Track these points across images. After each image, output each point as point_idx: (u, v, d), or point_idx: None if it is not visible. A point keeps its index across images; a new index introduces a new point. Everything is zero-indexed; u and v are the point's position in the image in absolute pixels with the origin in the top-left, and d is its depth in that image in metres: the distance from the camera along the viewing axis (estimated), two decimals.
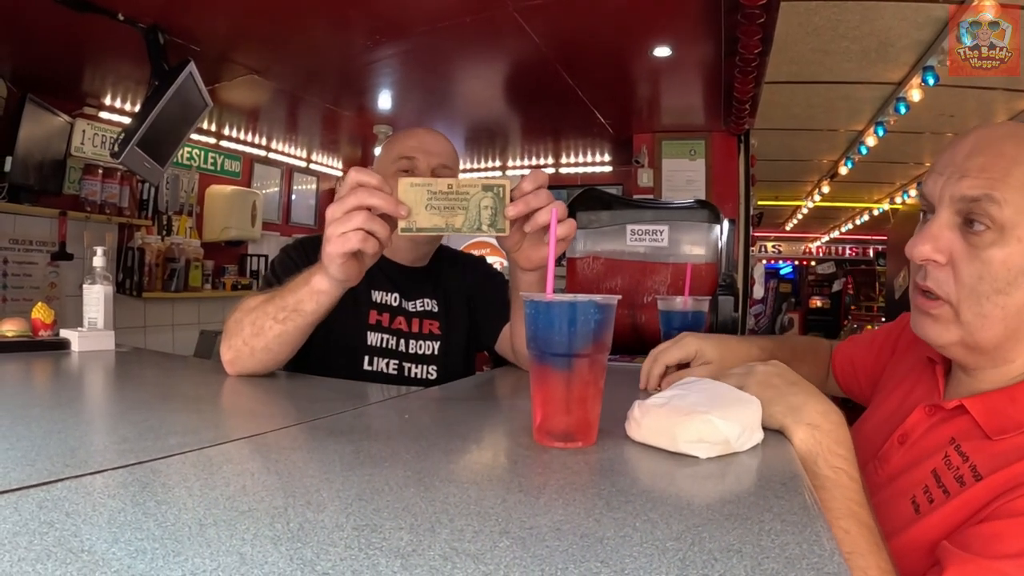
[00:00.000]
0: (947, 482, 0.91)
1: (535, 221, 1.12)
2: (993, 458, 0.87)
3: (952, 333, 0.97)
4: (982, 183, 0.91)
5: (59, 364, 1.59)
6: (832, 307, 12.44)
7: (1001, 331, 0.93)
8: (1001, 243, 0.90)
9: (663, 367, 1.28)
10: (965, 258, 0.94)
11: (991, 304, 0.92)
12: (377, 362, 1.71)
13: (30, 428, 0.88)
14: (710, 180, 5.48)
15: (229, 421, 1.12)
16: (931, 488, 0.93)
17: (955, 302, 0.95)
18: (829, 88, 4.89)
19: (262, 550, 0.50)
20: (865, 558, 0.78)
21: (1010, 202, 0.89)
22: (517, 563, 0.50)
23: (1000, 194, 0.89)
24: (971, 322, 0.94)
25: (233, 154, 5.77)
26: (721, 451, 0.81)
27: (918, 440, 1.03)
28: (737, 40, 3.33)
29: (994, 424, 0.91)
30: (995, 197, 0.90)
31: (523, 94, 4.64)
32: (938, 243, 0.96)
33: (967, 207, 0.93)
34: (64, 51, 3.62)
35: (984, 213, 0.91)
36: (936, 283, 0.97)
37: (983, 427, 0.93)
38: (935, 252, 0.96)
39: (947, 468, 0.93)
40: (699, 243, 2.03)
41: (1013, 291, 0.91)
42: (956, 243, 0.95)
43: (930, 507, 0.91)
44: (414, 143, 1.77)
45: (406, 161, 1.73)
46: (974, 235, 0.92)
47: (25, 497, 0.61)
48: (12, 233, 4.11)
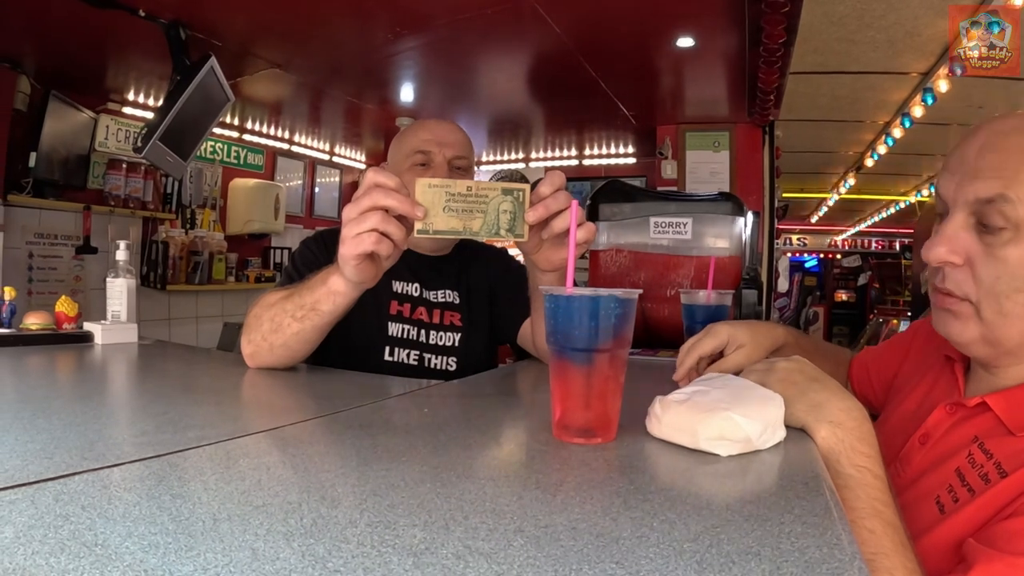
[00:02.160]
0: (972, 480, 0.90)
1: (554, 227, 1.11)
2: (1018, 454, 0.86)
3: (973, 330, 0.96)
4: (995, 183, 0.90)
5: (82, 357, 1.60)
6: (857, 300, 12.34)
7: (1021, 329, 0.93)
8: (1017, 241, 0.90)
9: (696, 358, 1.28)
10: (982, 258, 0.93)
11: (1011, 303, 0.91)
12: (398, 352, 1.71)
13: (50, 421, 0.88)
14: (734, 172, 5.43)
15: (249, 414, 1.12)
16: (955, 487, 0.92)
17: (975, 301, 0.95)
18: (855, 78, 4.82)
19: (274, 546, 0.50)
20: (891, 558, 0.77)
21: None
22: (531, 563, 0.49)
23: (1014, 192, 0.89)
24: (992, 320, 0.93)
25: (256, 147, 5.80)
26: (742, 449, 0.80)
27: (940, 439, 1.02)
28: (761, 30, 3.29)
29: (1018, 420, 0.90)
30: (1009, 196, 0.89)
31: (545, 86, 4.62)
32: (954, 244, 0.95)
33: (981, 208, 0.92)
34: (87, 47, 3.64)
35: (999, 213, 0.90)
36: (955, 284, 0.97)
37: (1006, 423, 0.92)
38: (951, 254, 0.95)
39: (971, 467, 0.92)
40: (723, 236, 2.01)
41: None
42: (972, 244, 0.94)
43: (955, 506, 0.90)
44: (427, 135, 1.75)
45: (421, 155, 1.72)
46: (990, 235, 0.92)
47: (42, 490, 0.61)
48: (37, 227, 4.15)
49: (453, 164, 1.74)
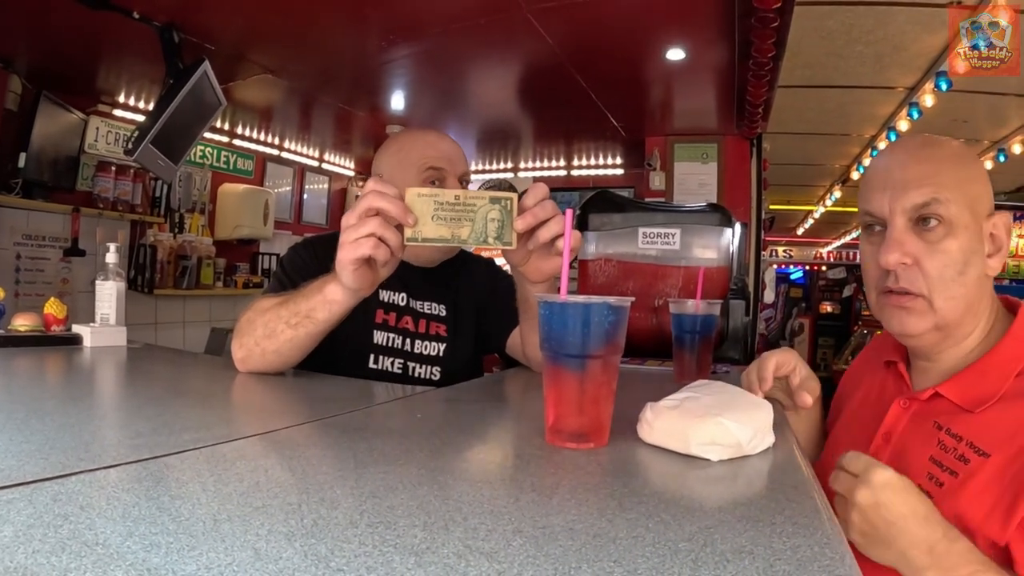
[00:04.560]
0: (950, 464, 1.01)
1: (541, 235, 1.12)
2: (985, 429, 1.00)
3: (928, 320, 1.10)
4: (927, 190, 1.07)
5: (71, 359, 1.60)
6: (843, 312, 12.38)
7: (964, 308, 1.09)
8: (953, 234, 1.07)
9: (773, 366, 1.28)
10: (927, 254, 1.08)
11: (956, 285, 1.08)
12: (382, 360, 1.71)
13: (44, 422, 0.88)
14: (722, 184, 5.45)
15: (242, 418, 1.13)
16: (936, 474, 1.03)
17: (927, 293, 1.09)
18: (842, 92, 4.86)
19: (276, 546, 0.51)
20: None
21: (952, 199, 1.06)
22: (531, 562, 0.50)
23: (943, 194, 1.06)
24: (943, 307, 1.08)
25: (246, 153, 5.78)
26: (733, 454, 0.81)
27: (903, 433, 1.13)
28: (751, 44, 3.32)
29: (970, 398, 1.05)
30: (940, 198, 1.07)
31: (536, 96, 4.63)
32: (903, 248, 1.09)
33: (918, 212, 1.08)
34: (79, 48, 3.63)
35: (934, 214, 1.07)
36: (909, 282, 1.10)
37: (961, 405, 1.06)
38: (903, 256, 1.09)
39: (944, 452, 1.03)
40: (711, 247, 2.02)
41: (969, 269, 1.08)
42: (916, 244, 1.09)
43: (941, 491, 1.00)
44: (437, 152, 1.73)
45: (433, 171, 1.70)
46: (929, 232, 1.08)
47: (39, 490, 0.61)
48: (25, 228, 4.13)
49: (462, 180, 1.75)
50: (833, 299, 12.84)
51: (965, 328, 1.11)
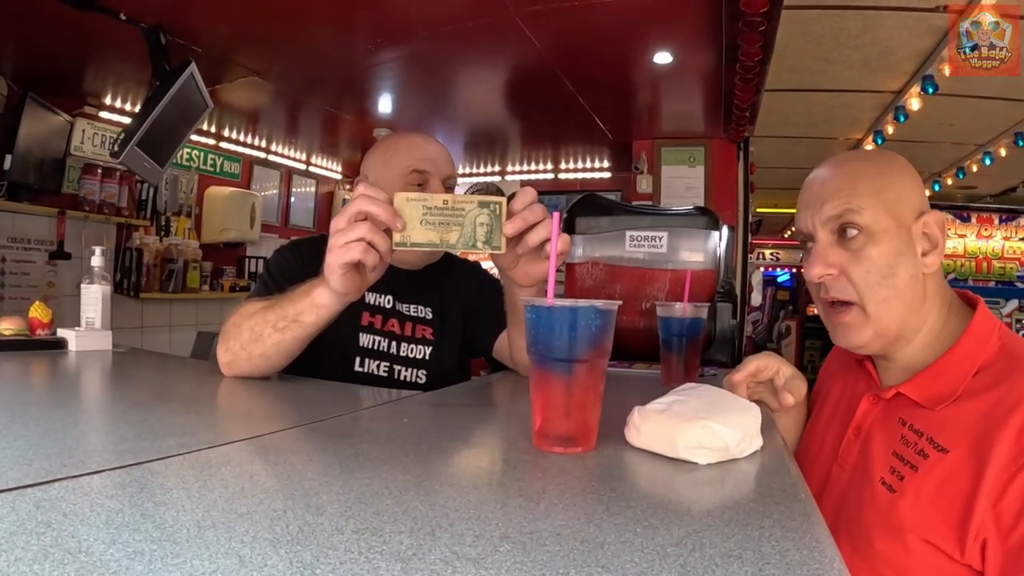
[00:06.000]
0: (910, 458, 1.06)
1: (530, 240, 1.12)
2: (944, 428, 1.03)
3: (867, 331, 1.14)
4: (840, 201, 1.13)
5: (56, 363, 1.59)
6: None
7: (901, 308, 1.12)
8: (873, 240, 1.12)
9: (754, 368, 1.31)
10: (851, 262, 1.13)
11: (884, 288, 1.11)
12: (368, 363, 1.70)
13: (27, 427, 0.87)
14: (709, 187, 5.47)
15: (227, 423, 1.12)
16: (897, 467, 1.07)
17: (859, 300, 1.13)
18: (829, 96, 4.89)
19: (261, 552, 0.50)
20: None
21: (866, 206, 1.11)
22: (518, 567, 0.50)
23: (856, 203, 1.12)
24: (876, 311, 1.12)
25: (233, 156, 5.76)
26: (721, 457, 0.81)
27: (871, 427, 1.18)
28: (738, 48, 3.33)
29: (930, 397, 1.08)
30: (853, 207, 1.12)
31: (523, 99, 4.64)
32: (827, 259, 1.15)
33: (836, 224, 1.14)
34: (65, 50, 3.61)
35: (851, 223, 1.12)
36: (838, 291, 1.15)
37: (922, 404, 1.09)
38: (828, 267, 1.15)
39: (906, 446, 1.08)
40: (698, 250, 2.02)
41: (897, 271, 1.11)
42: (839, 255, 1.14)
43: (902, 484, 1.05)
44: (421, 154, 1.73)
45: (417, 175, 1.70)
46: (850, 241, 1.13)
47: (22, 496, 0.61)
48: (11, 231, 4.10)
49: (447, 184, 1.74)
50: None
51: (911, 326, 1.14)
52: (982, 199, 7.98)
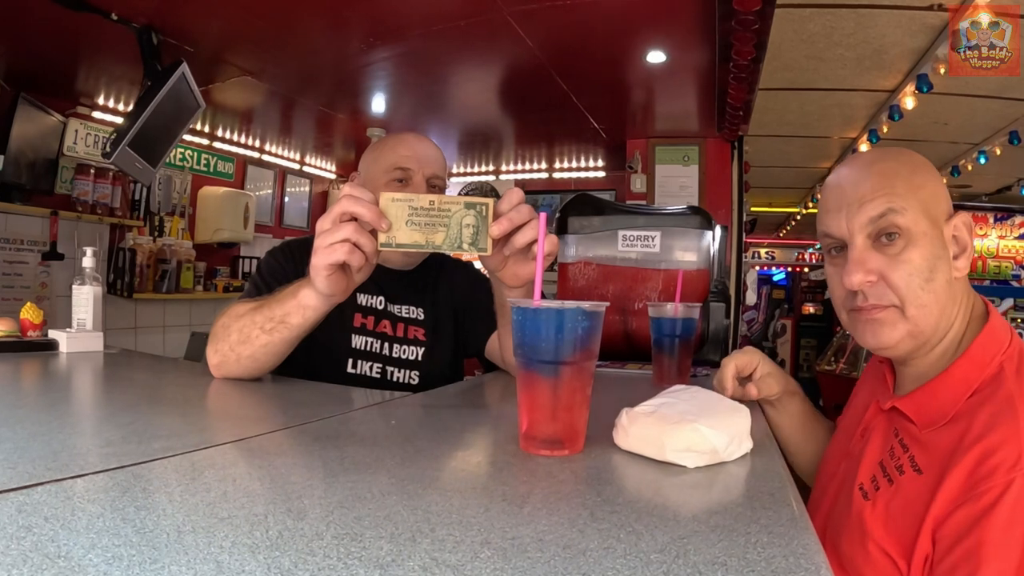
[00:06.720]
0: (890, 471, 1.06)
1: (517, 241, 1.11)
2: (926, 450, 1.01)
3: (901, 329, 1.09)
4: (880, 202, 1.08)
5: (47, 365, 1.58)
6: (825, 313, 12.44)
7: (938, 314, 1.08)
8: (913, 243, 1.07)
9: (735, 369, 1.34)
10: (891, 268, 1.08)
11: (925, 292, 1.07)
12: (361, 365, 1.70)
13: (14, 430, 0.87)
14: (703, 186, 5.47)
15: (215, 425, 1.12)
16: (877, 477, 1.07)
17: (899, 305, 1.08)
18: (823, 95, 4.88)
19: (239, 558, 0.50)
20: None
21: (907, 208, 1.07)
22: (498, 574, 0.49)
23: (898, 203, 1.07)
24: (915, 315, 1.08)
25: (226, 155, 5.74)
26: (709, 460, 0.81)
27: (873, 433, 1.17)
28: (731, 46, 3.33)
29: (923, 419, 1.05)
30: (895, 207, 1.07)
31: (517, 99, 4.64)
32: (866, 265, 1.09)
33: (876, 227, 1.08)
34: (58, 50, 3.60)
35: (891, 225, 1.07)
36: (878, 298, 1.10)
37: (915, 422, 1.07)
38: (868, 275, 1.09)
39: (891, 458, 1.07)
40: (691, 249, 2.02)
41: (935, 275, 1.07)
42: (878, 260, 1.09)
43: (876, 494, 1.05)
44: (407, 151, 1.74)
45: (400, 171, 1.71)
46: (890, 246, 1.08)
47: (4, 501, 0.61)
48: (3, 232, 4.08)
49: (430, 183, 1.73)
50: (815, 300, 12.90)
51: (939, 332, 1.10)
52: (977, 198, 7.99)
